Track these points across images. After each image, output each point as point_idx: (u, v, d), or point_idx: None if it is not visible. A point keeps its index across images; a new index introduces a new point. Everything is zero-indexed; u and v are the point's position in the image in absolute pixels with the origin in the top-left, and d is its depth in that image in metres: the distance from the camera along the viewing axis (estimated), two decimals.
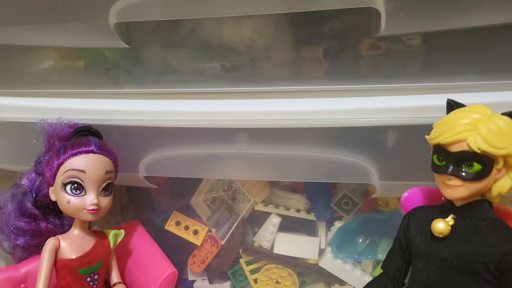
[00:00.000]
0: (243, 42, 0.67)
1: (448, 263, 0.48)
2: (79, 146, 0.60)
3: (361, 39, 0.65)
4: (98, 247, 0.62)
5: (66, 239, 0.60)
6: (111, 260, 0.64)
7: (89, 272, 0.60)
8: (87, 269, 0.60)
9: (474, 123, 0.46)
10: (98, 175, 0.59)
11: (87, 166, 0.59)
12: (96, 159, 0.60)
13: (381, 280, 0.56)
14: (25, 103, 0.71)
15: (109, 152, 0.62)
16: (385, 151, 0.61)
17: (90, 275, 0.61)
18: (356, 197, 0.71)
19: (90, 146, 0.60)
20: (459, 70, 0.61)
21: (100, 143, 0.62)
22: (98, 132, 0.65)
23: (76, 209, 0.59)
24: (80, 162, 0.59)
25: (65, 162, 0.59)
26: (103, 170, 0.60)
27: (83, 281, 0.60)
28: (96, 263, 0.61)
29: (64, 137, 0.64)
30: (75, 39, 0.66)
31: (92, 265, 0.60)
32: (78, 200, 0.59)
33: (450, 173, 0.47)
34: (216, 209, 0.80)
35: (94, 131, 0.64)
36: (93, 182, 0.59)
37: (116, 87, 0.70)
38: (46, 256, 0.58)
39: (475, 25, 0.54)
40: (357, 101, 0.61)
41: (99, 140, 0.63)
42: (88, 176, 0.59)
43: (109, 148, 0.63)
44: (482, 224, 0.48)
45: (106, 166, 0.61)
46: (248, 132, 0.64)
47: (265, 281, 0.79)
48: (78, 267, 0.59)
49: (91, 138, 0.62)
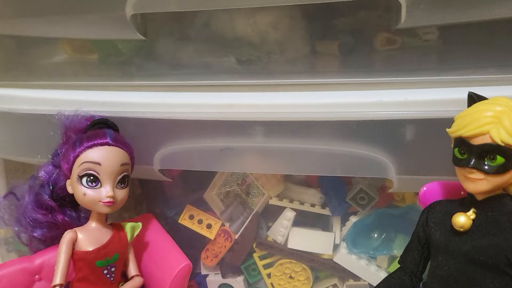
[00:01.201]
0: (258, 35, 0.67)
1: (469, 257, 0.47)
2: (94, 138, 0.60)
3: (377, 33, 0.65)
4: (115, 240, 0.62)
5: (83, 231, 0.61)
6: (129, 253, 0.64)
7: (106, 264, 0.60)
8: (103, 262, 0.60)
9: (497, 115, 0.45)
10: (114, 167, 0.59)
11: (103, 158, 0.59)
12: (112, 151, 0.60)
13: (399, 275, 0.56)
14: (40, 95, 0.71)
15: (125, 145, 0.62)
16: (403, 145, 0.60)
17: (107, 267, 0.61)
18: (372, 192, 0.71)
19: (105, 138, 0.60)
20: (479, 63, 0.60)
21: (116, 135, 0.62)
22: (115, 125, 0.65)
23: (92, 202, 0.59)
24: (96, 154, 0.59)
25: (80, 155, 0.59)
26: (119, 163, 0.60)
27: (100, 274, 0.60)
28: (113, 255, 0.61)
29: (81, 129, 0.64)
30: (91, 31, 0.66)
31: (108, 258, 0.60)
32: (94, 193, 0.59)
33: (472, 166, 0.46)
34: (230, 203, 0.79)
35: (111, 123, 0.64)
36: (108, 175, 0.59)
37: (131, 79, 0.70)
38: (64, 248, 0.59)
39: (498, 17, 0.53)
40: (374, 94, 0.60)
41: (115, 132, 0.63)
42: (104, 168, 0.59)
43: (125, 140, 0.63)
44: (504, 218, 0.47)
45: (122, 159, 0.61)
46: (264, 125, 0.64)
47: (279, 276, 0.79)
48: (94, 260, 0.59)
49: (106, 130, 0.62)
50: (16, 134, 0.75)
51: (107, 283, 0.61)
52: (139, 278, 0.63)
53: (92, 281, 0.60)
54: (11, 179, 0.90)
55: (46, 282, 0.65)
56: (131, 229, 0.64)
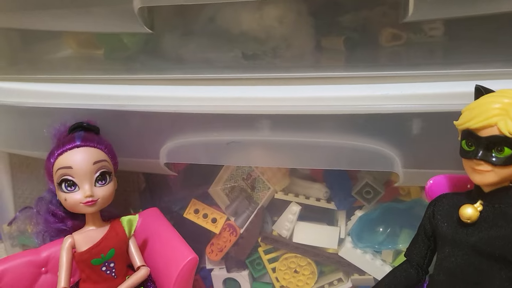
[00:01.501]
0: (264, 30, 0.67)
1: (476, 248, 0.48)
2: (63, 145, 0.61)
3: (383, 29, 0.65)
4: (110, 236, 0.62)
5: (80, 234, 0.63)
6: (131, 246, 0.64)
7: (103, 261, 0.61)
8: (99, 259, 0.61)
9: (505, 107, 0.45)
10: (86, 167, 0.60)
11: (72, 161, 0.60)
12: (81, 152, 0.61)
13: (405, 268, 0.56)
14: (45, 88, 0.71)
15: (96, 142, 0.63)
16: (409, 138, 0.60)
17: (104, 264, 0.62)
18: (378, 186, 0.71)
19: (73, 142, 0.61)
20: (485, 58, 0.60)
21: (85, 135, 0.63)
22: (91, 126, 0.66)
23: (74, 205, 0.61)
24: (66, 159, 0.61)
25: (54, 163, 0.61)
26: (91, 161, 0.61)
27: (99, 271, 0.61)
28: (108, 251, 0.62)
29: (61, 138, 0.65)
30: (98, 24, 0.66)
31: (103, 255, 0.61)
32: (73, 196, 0.60)
33: (480, 158, 0.46)
34: (235, 198, 0.79)
35: (86, 125, 0.65)
36: (83, 175, 0.60)
37: (137, 73, 0.70)
38: (63, 254, 0.61)
39: (505, 10, 0.53)
40: (381, 88, 0.60)
41: (86, 133, 0.63)
42: (76, 171, 0.60)
43: (98, 138, 0.64)
44: (511, 210, 0.47)
45: (94, 157, 0.61)
46: (270, 119, 0.64)
47: (284, 270, 0.79)
48: (89, 259, 0.61)
49: (76, 133, 0.63)
50: (21, 128, 0.75)
51: (109, 279, 0.62)
52: (145, 268, 0.63)
53: (95, 280, 0.62)
54: (16, 173, 0.91)
55: (52, 275, 0.66)
56: (128, 223, 0.64)
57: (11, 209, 0.89)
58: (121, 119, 0.68)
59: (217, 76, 0.67)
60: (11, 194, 0.89)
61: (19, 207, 0.89)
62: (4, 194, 0.89)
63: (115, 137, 0.68)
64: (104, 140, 0.64)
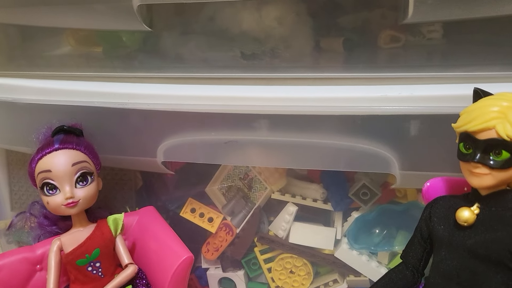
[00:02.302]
0: (263, 30, 0.67)
1: (472, 251, 0.48)
2: (42, 149, 0.62)
3: (382, 31, 0.65)
4: (94, 236, 0.63)
5: (67, 235, 0.64)
6: (118, 244, 0.64)
7: (88, 261, 0.62)
8: (84, 260, 0.62)
9: (503, 110, 0.45)
10: (64, 169, 0.61)
11: (51, 164, 0.61)
12: (59, 155, 0.61)
13: (401, 270, 0.56)
14: (44, 85, 0.71)
15: (75, 144, 0.63)
16: (407, 140, 0.60)
17: (90, 264, 0.62)
18: (375, 188, 0.71)
19: (52, 146, 0.62)
20: (484, 61, 0.61)
21: (64, 138, 0.63)
22: (73, 128, 0.65)
23: (56, 207, 0.61)
24: (45, 162, 0.61)
25: (35, 168, 0.62)
26: (69, 163, 0.61)
27: (85, 271, 0.62)
28: (93, 252, 0.62)
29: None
30: (98, 21, 0.66)
31: (88, 255, 0.62)
32: (55, 199, 0.61)
33: (478, 161, 0.46)
34: (231, 197, 0.79)
35: (67, 128, 0.65)
36: (62, 178, 0.61)
37: (136, 71, 0.70)
38: (51, 257, 0.62)
39: (505, 13, 0.53)
40: (379, 89, 0.60)
41: (65, 135, 0.64)
42: (55, 174, 0.60)
43: (76, 139, 0.64)
44: (508, 213, 0.47)
45: (72, 158, 0.62)
46: (268, 118, 0.64)
47: (279, 270, 0.79)
48: (74, 260, 0.61)
49: (55, 137, 0.63)
50: (18, 124, 0.75)
51: (96, 279, 0.62)
52: (132, 266, 0.63)
53: (82, 280, 0.62)
54: (13, 170, 0.90)
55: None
56: (114, 222, 0.65)
57: (7, 205, 0.89)
58: (119, 117, 0.68)
59: (216, 75, 0.67)
60: (8, 191, 0.89)
61: (15, 204, 0.89)
62: (1, 190, 0.89)
63: (112, 134, 0.68)
64: (84, 141, 0.64)
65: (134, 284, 0.64)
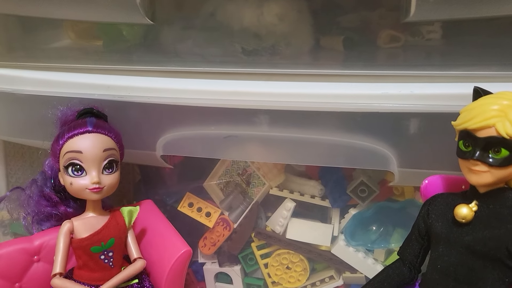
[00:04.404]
0: (264, 26, 0.67)
1: (470, 248, 0.48)
2: (74, 128, 0.61)
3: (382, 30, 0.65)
4: (110, 225, 0.62)
5: (80, 220, 0.62)
6: (129, 237, 0.64)
7: (102, 250, 0.61)
8: (99, 247, 0.61)
9: (503, 109, 0.46)
10: (96, 153, 0.60)
11: (83, 146, 0.60)
12: (92, 138, 0.61)
13: (397, 266, 0.56)
14: (43, 76, 0.71)
15: (108, 130, 0.62)
16: (406, 138, 0.61)
17: (103, 252, 0.61)
18: (373, 185, 0.71)
19: (85, 127, 0.61)
20: (483, 60, 0.61)
21: (97, 122, 0.62)
22: (101, 113, 0.65)
23: (79, 190, 0.60)
24: (76, 143, 0.60)
25: (63, 146, 0.61)
26: (101, 148, 0.61)
27: (97, 259, 0.61)
28: (108, 241, 0.61)
29: (69, 122, 0.65)
30: (100, 14, 0.66)
31: (104, 243, 0.61)
32: (80, 181, 0.60)
33: (477, 159, 0.47)
34: (229, 193, 0.80)
35: (96, 112, 0.65)
36: (91, 161, 0.60)
37: (136, 64, 0.70)
38: (61, 238, 0.61)
39: (506, 13, 0.54)
40: (379, 87, 0.61)
41: (97, 119, 0.63)
42: (86, 156, 0.60)
43: (109, 126, 0.63)
44: (505, 211, 0.48)
45: (104, 144, 0.61)
46: (268, 114, 0.64)
47: (276, 266, 0.79)
48: (89, 246, 0.60)
49: (88, 119, 0.63)
50: (16, 116, 0.75)
51: (106, 268, 0.61)
52: (141, 261, 0.63)
53: (92, 267, 0.61)
54: (10, 163, 0.90)
55: (45, 264, 0.65)
56: (129, 214, 0.64)
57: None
58: (119, 110, 0.68)
59: (216, 70, 0.67)
60: (5, 182, 0.89)
61: None
62: None
63: None
64: (114, 128, 0.64)
65: (140, 278, 0.64)
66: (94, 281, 0.61)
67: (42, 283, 0.64)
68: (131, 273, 0.62)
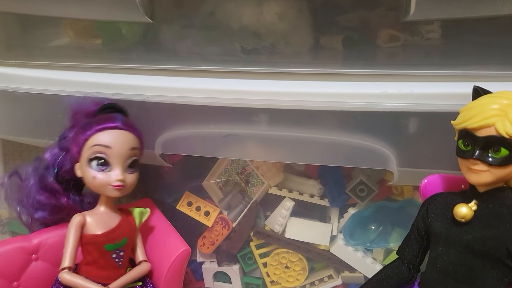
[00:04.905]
0: (264, 25, 0.67)
1: (469, 247, 0.48)
2: (105, 121, 0.60)
3: (381, 29, 0.65)
4: (124, 224, 0.62)
5: (92, 215, 0.61)
6: (137, 238, 0.64)
7: (115, 248, 0.61)
8: (112, 245, 0.60)
9: (503, 108, 0.46)
10: (123, 151, 0.59)
11: (113, 141, 0.59)
12: (122, 135, 0.60)
13: (397, 265, 0.56)
14: (42, 75, 0.71)
15: (134, 129, 0.62)
16: (405, 137, 0.61)
17: (115, 251, 0.61)
18: (372, 184, 0.71)
19: (115, 122, 0.60)
20: (482, 60, 0.61)
21: (125, 119, 0.62)
22: (124, 109, 0.65)
23: (101, 185, 0.59)
24: (106, 137, 0.59)
25: (90, 138, 0.59)
26: (129, 146, 0.60)
27: (109, 257, 0.60)
28: (122, 239, 0.61)
29: (90, 113, 0.64)
30: (99, 12, 0.66)
31: (117, 242, 0.61)
32: (103, 176, 0.59)
33: (476, 158, 0.47)
34: (228, 192, 0.79)
35: (119, 108, 0.64)
36: (118, 158, 0.59)
37: (135, 63, 0.70)
38: (72, 232, 0.59)
39: (505, 13, 0.54)
40: (379, 86, 0.61)
41: (124, 116, 0.63)
42: (114, 152, 0.59)
43: (134, 125, 0.63)
44: (504, 211, 0.48)
45: (132, 143, 0.61)
46: (267, 113, 0.64)
47: (275, 265, 0.79)
48: (103, 243, 0.60)
49: (116, 114, 0.62)
50: (15, 114, 0.74)
51: (115, 267, 0.61)
52: (147, 264, 0.63)
53: (101, 265, 0.60)
54: (9, 161, 0.90)
55: (43, 262, 0.65)
56: (140, 215, 0.64)
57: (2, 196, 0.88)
58: None
59: (216, 69, 0.67)
60: None
61: None
62: None
63: None
64: (138, 128, 0.63)
65: (144, 281, 0.63)
66: (101, 279, 0.60)
67: (40, 282, 0.64)
68: (138, 275, 0.62)
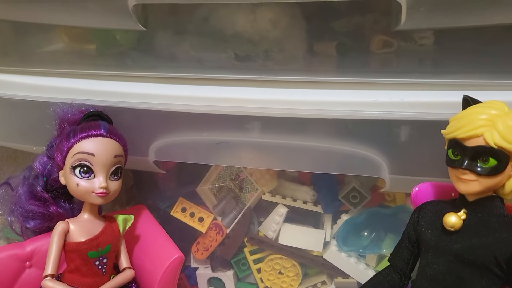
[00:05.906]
0: (257, 32, 0.68)
1: (458, 256, 0.48)
2: (88, 129, 0.60)
3: (375, 36, 0.65)
4: (107, 231, 0.62)
5: (76, 222, 0.61)
6: (120, 245, 0.64)
7: (98, 255, 0.61)
8: (95, 253, 0.60)
9: (491, 118, 0.46)
10: (107, 158, 0.60)
11: (96, 149, 0.59)
12: (105, 142, 0.60)
13: (388, 273, 0.56)
14: (36, 82, 0.71)
15: (118, 136, 0.62)
16: (397, 145, 0.61)
17: (98, 258, 0.61)
18: (364, 191, 0.72)
19: (99, 129, 0.60)
20: (474, 68, 0.61)
21: (109, 127, 0.62)
22: (108, 117, 0.65)
23: (85, 192, 0.60)
24: (89, 145, 0.59)
25: (74, 145, 0.60)
26: (112, 154, 0.60)
27: (92, 265, 0.60)
28: (105, 247, 0.61)
29: (75, 121, 0.64)
30: (92, 20, 0.66)
31: (100, 249, 0.61)
32: (87, 183, 0.59)
33: (465, 168, 0.47)
34: (222, 198, 0.80)
35: (104, 115, 0.65)
36: (102, 166, 0.59)
37: (129, 70, 0.70)
38: (56, 239, 0.59)
39: (495, 23, 0.54)
40: (370, 94, 0.61)
41: (108, 124, 0.63)
42: (97, 159, 0.59)
43: (118, 132, 0.63)
44: (493, 220, 0.48)
45: (115, 150, 0.61)
46: (260, 120, 0.64)
47: (268, 271, 0.80)
48: (86, 250, 0.60)
49: (100, 122, 0.62)
50: (9, 120, 0.74)
51: (98, 274, 0.61)
52: (130, 271, 0.63)
53: (84, 272, 0.60)
54: (3, 167, 0.90)
55: (37, 269, 0.65)
56: (123, 221, 0.64)
57: None
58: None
59: (209, 76, 0.67)
60: None
61: None
62: None
63: None
64: (122, 136, 0.63)
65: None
66: (85, 286, 0.60)
67: None
68: (121, 282, 0.62)
